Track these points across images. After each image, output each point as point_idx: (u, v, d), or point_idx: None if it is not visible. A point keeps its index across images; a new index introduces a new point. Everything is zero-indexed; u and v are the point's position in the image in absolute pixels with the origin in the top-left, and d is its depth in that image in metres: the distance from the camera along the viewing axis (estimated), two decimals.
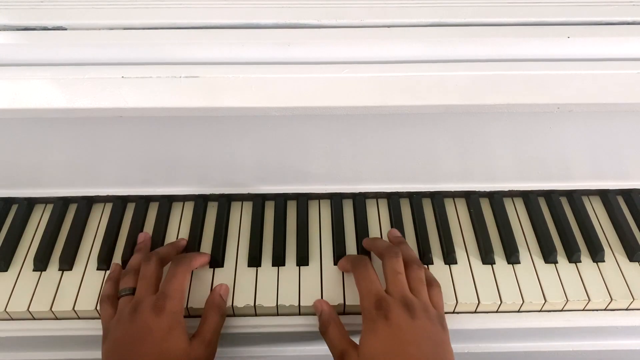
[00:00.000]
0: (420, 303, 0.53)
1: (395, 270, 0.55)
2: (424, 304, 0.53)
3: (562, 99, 0.54)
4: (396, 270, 0.56)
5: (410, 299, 0.53)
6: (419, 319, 0.51)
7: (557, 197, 0.69)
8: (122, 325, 0.52)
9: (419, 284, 0.55)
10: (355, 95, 0.54)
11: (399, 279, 0.55)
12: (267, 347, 0.64)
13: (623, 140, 0.63)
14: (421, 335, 0.51)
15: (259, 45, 0.55)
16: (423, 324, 0.51)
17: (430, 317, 0.52)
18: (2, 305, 0.59)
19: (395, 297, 0.53)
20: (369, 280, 0.55)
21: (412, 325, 0.51)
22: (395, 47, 0.56)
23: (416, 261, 0.58)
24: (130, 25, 0.57)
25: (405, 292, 0.54)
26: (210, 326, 0.55)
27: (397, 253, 0.57)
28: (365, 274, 0.55)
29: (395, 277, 0.55)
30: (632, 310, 0.61)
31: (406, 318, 0.51)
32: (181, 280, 0.55)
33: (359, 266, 0.57)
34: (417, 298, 0.54)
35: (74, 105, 0.53)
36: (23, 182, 0.66)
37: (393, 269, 0.56)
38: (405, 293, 0.54)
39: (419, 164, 0.65)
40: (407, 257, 0.58)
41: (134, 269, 0.58)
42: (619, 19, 0.58)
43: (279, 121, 0.58)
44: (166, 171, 0.65)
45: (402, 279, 0.55)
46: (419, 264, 0.58)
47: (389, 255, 0.57)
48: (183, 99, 0.53)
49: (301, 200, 0.69)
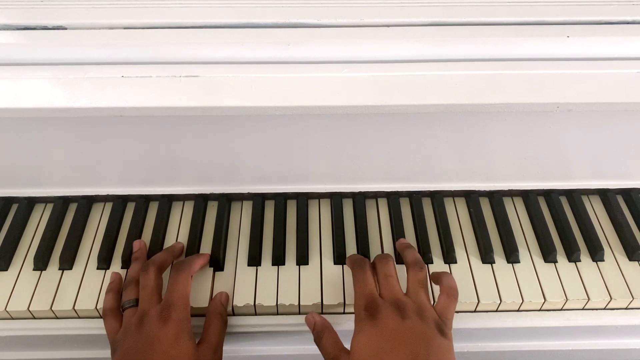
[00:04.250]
0: (414, 304, 0.53)
1: (386, 274, 0.56)
2: (418, 305, 0.53)
3: (562, 99, 0.54)
4: (386, 273, 0.56)
5: (402, 301, 0.53)
6: (409, 319, 0.51)
7: (556, 197, 0.69)
8: (129, 337, 0.52)
9: (417, 285, 0.55)
10: (355, 95, 0.54)
11: (389, 282, 0.55)
12: (267, 346, 0.64)
13: (623, 140, 0.63)
14: (411, 335, 0.50)
15: (259, 45, 0.55)
16: (414, 324, 0.51)
17: (424, 319, 0.52)
18: (3, 305, 0.59)
19: (387, 299, 0.53)
20: (364, 283, 0.55)
21: (402, 325, 0.51)
22: (395, 47, 0.56)
23: (418, 263, 0.58)
24: (130, 24, 0.57)
25: (396, 294, 0.54)
26: (215, 332, 0.55)
27: (387, 257, 0.58)
28: (362, 277, 0.56)
29: (386, 280, 0.55)
30: (631, 309, 0.61)
31: (396, 319, 0.51)
32: (184, 287, 0.56)
33: (357, 268, 0.57)
34: (411, 300, 0.53)
35: (74, 105, 0.53)
36: (23, 182, 0.66)
37: (384, 273, 0.56)
38: (397, 295, 0.54)
39: (418, 163, 0.65)
40: (410, 259, 0.58)
41: (134, 280, 0.58)
42: (618, 18, 0.58)
43: (278, 120, 0.58)
44: (166, 170, 0.65)
45: (392, 282, 0.55)
46: (421, 266, 0.57)
47: (380, 261, 0.58)
48: (183, 99, 0.53)
49: (301, 199, 0.69)
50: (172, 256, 0.62)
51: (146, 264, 0.58)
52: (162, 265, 0.59)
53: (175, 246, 0.64)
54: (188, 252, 0.64)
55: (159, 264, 0.58)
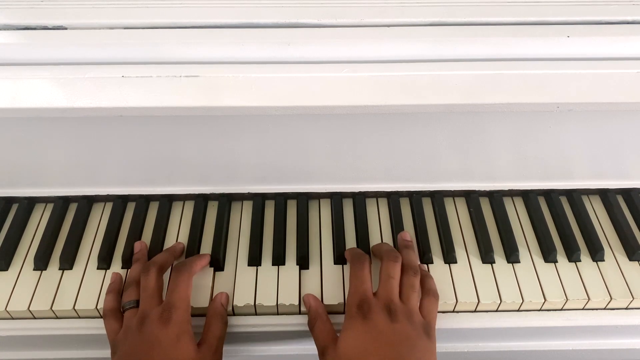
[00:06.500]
0: (405, 309, 0.54)
1: (389, 275, 0.56)
2: (409, 310, 0.54)
3: (562, 98, 0.54)
4: (390, 274, 0.56)
5: (394, 304, 0.53)
6: (399, 322, 0.52)
7: (556, 197, 0.69)
8: (130, 338, 0.53)
9: (410, 290, 0.56)
10: (355, 95, 0.54)
11: (390, 284, 0.55)
12: (267, 346, 0.64)
13: (623, 140, 0.63)
14: (398, 339, 0.51)
15: (259, 45, 0.55)
16: (402, 329, 0.52)
17: (413, 323, 0.53)
18: (3, 304, 0.59)
19: (380, 300, 0.54)
20: (360, 280, 0.56)
21: (391, 328, 0.51)
22: (395, 47, 0.56)
23: (413, 268, 0.58)
24: (131, 24, 0.57)
25: (391, 297, 0.54)
26: (215, 333, 0.55)
27: (397, 258, 0.58)
28: (359, 273, 0.56)
29: (387, 281, 0.56)
30: (631, 309, 0.61)
31: (385, 321, 0.52)
32: (184, 289, 0.56)
33: (355, 263, 0.57)
34: (403, 304, 0.54)
35: (74, 105, 0.53)
36: (23, 182, 0.66)
37: (387, 273, 0.56)
38: (392, 298, 0.54)
39: (418, 163, 0.65)
40: (406, 263, 0.59)
41: (135, 281, 0.58)
42: (618, 18, 0.58)
43: (278, 120, 0.58)
44: (166, 170, 0.65)
45: (393, 284, 0.55)
46: (415, 271, 0.58)
47: (388, 259, 0.58)
48: (183, 99, 0.53)
49: (301, 199, 0.69)
50: (173, 257, 0.62)
51: (147, 265, 0.58)
52: (163, 266, 0.59)
53: (176, 247, 0.64)
54: (188, 252, 0.64)
55: (160, 265, 0.58)
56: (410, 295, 0.55)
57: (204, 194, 0.69)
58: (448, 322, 0.60)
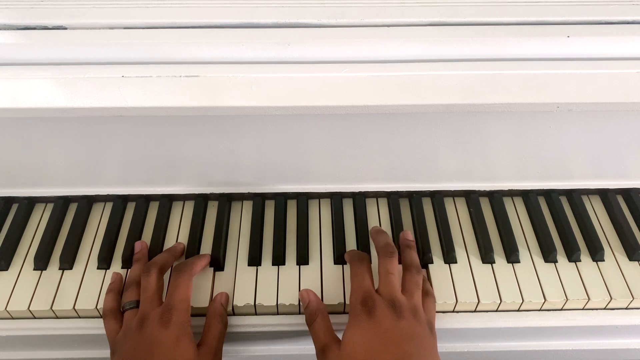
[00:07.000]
0: (410, 304, 0.53)
1: (387, 271, 0.56)
2: (413, 306, 0.53)
3: (562, 99, 0.54)
4: (388, 270, 0.56)
5: (399, 300, 0.53)
6: (404, 319, 0.51)
7: (556, 197, 0.69)
8: (130, 339, 0.52)
9: (414, 287, 0.55)
10: (355, 95, 0.54)
11: (390, 279, 0.55)
12: (267, 346, 0.64)
13: (623, 140, 0.63)
14: (405, 335, 0.50)
15: (259, 45, 0.55)
16: (408, 325, 0.51)
17: (419, 319, 0.52)
18: (3, 304, 0.59)
19: (384, 296, 0.53)
20: (362, 277, 0.55)
21: (397, 324, 0.51)
22: (395, 47, 0.56)
23: (416, 266, 0.58)
24: (131, 24, 0.57)
25: (394, 293, 0.54)
26: (215, 334, 0.55)
27: (392, 253, 0.58)
28: (360, 271, 0.56)
29: (386, 277, 0.55)
30: (631, 309, 0.61)
31: (391, 317, 0.51)
32: (185, 290, 0.55)
33: (356, 262, 0.57)
34: (407, 300, 0.54)
35: (74, 105, 0.53)
36: (23, 182, 0.66)
37: (385, 269, 0.56)
38: (395, 294, 0.54)
39: (418, 163, 0.65)
40: (409, 261, 0.59)
41: (135, 281, 0.58)
42: (618, 18, 0.58)
43: (278, 120, 0.58)
44: (166, 170, 0.65)
45: (393, 280, 0.55)
46: (418, 269, 0.58)
47: (384, 255, 0.58)
48: (183, 99, 0.53)
49: (301, 199, 0.69)
50: (173, 257, 0.62)
51: (148, 265, 0.58)
52: (163, 267, 0.59)
53: (177, 247, 0.64)
54: (188, 252, 0.64)
55: (160, 266, 0.58)
56: (415, 292, 0.55)
57: (204, 194, 0.69)
58: (448, 322, 0.60)
